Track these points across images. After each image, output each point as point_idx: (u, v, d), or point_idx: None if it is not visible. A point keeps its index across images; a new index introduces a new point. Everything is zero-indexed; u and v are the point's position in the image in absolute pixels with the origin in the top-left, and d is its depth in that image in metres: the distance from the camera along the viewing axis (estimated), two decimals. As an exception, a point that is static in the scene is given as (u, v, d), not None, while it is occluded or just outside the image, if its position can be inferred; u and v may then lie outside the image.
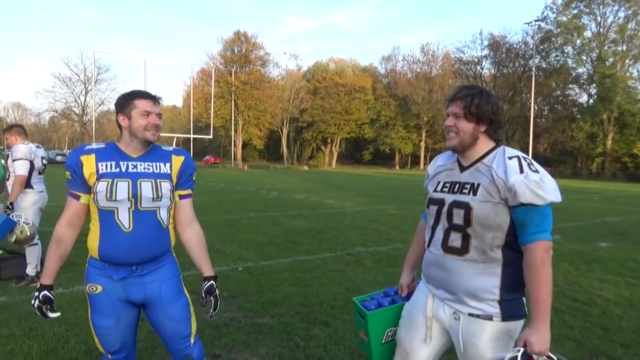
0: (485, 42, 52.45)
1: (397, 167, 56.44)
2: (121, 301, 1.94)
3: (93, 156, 1.89)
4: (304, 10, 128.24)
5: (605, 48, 42.54)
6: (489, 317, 1.63)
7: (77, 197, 1.93)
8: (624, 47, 42.21)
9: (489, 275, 1.63)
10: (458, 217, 1.66)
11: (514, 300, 1.64)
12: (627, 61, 42.35)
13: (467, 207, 1.63)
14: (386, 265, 5.79)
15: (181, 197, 2.05)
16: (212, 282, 2.02)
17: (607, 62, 42.13)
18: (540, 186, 1.54)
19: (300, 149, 61.01)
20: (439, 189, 1.78)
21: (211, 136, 48.12)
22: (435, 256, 1.75)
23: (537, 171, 1.57)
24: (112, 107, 62.11)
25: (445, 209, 1.71)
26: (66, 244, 1.95)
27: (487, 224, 1.60)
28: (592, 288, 5.05)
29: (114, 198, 1.86)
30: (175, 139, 48.41)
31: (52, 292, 1.93)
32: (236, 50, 53.44)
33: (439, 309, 1.77)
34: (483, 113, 1.66)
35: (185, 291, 2.10)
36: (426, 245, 1.84)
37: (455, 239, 1.68)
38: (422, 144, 55.22)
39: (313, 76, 59.17)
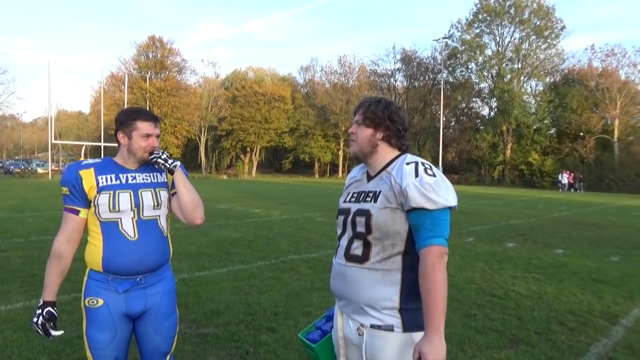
0: (398, 56, 55.12)
1: (317, 176, 57.29)
2: (120, 315, 1.95)
3: (92, 170, 1.94)
4: (220, 16, 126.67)
5: (504, 65, 46.47)
6: (390, 328, 1.59)
7: (77, 212, 1.94)
8: (519, 65, 46.42)
9: (388, 284, 1.60)
10: (360, 225, 1.65)
11: (416, 310, 1.57)
12: (522, 78, 46.56)
13: (367, 215, 1.63)
14: (321, 270, 5.98)
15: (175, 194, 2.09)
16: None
17: (505, 79, 46.03)
18: (433, 189, 1.52)
19: (219, 157, 59.81)
20: (347, 199, 1.79)
21: (124, 144, 45.68)
22: (339, 266, 1.73)
23: (433, 175, 1.56)
24: (8, 113, 56.93)
25: (350, 217, 1.71)
26: (67, 259, 1.96)
27: (385, 230, 1.59)
28: (506, 284, 5.61)
29: (117, 209, 1.91)
30: (83, 147, 45.40)
31: (55, 308, 1.93)
32: (151, 56, 51.28)
33: (347, 327, 1.72)
34: (379, 118, 1.69)
35: (177, 308, 2.15)
36: (333, 256, 1.81)
37: (357, 247, 1.66)
38: (340, 152, 56.57)
39: (232, 84, 58.41)
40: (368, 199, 1.67)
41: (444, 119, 50.26)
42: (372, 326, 1.61)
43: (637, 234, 10.61)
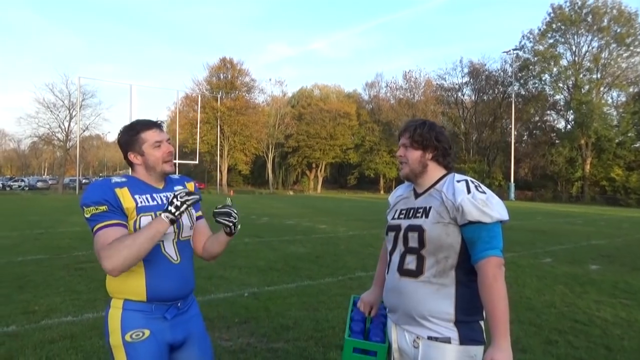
0: (466, 70, 53.83)
1: (382, 192, 56.81)
2: (166, 345, 1.77)
3: (126, 189, 1.74)
4: (286, 37, 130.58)
5: (581, 76, 44.07)
6: (447, 340, 1.62)
7: (124, 226, 1.70)
8: (599, 75, 43.81)
9: (443, 297, 1.65)
10: (413, 240, 1.70)
11: (471, 323, 1.64)
12: (602, 89, 43.91)
13: (420, 230, 1.68)
14: (389, 289, 5.88)
15: (197, 218, 2.01)
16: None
17: (583, 90, 43.57)
18: (487, 204, 1.59)
19: (285, 174, 61.16)
20: (396, 216, 1.84)
21: (197, 161, 48.03)
22: (392, 281, 1.77)
23: (484, 192, 1.64)
24: (95, 133, 61.77)
25: (401, 233, 1.76)
26: None
27: (439, 244, 1.64)
28: (589, 309, 5.22)
29: None
30: (160, 164, 48.06)
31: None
32: (222, 77, 53.92)
33: (402, 339, 1.75)
34: (427, 140, 1.75)
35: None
36: (386, 272, 1.86)
37: (411, 261, 1.70)
38: (406, 168, 55.87)
39: (298, 102, 59.90)
40: (419, 214, 1.73)
41: (516, 133, 48.30)
42: (430, 338, 1.65)
43: None
